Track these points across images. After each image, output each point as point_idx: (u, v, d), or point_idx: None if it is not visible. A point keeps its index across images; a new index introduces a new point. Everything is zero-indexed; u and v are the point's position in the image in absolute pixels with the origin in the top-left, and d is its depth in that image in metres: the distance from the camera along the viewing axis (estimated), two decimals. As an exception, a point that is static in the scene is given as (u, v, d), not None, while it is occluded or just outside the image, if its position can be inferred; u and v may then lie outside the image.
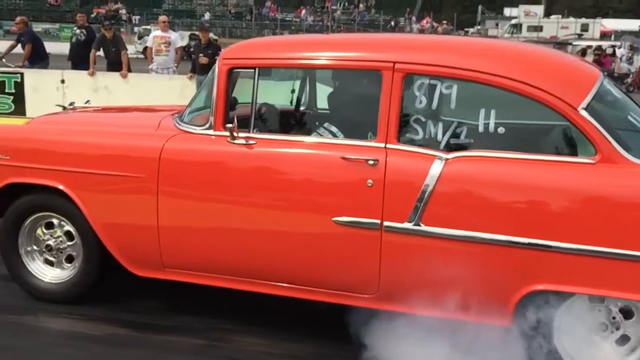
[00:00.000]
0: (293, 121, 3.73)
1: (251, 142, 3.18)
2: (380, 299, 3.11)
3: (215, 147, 3.23)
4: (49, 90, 9.57)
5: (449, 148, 3.01)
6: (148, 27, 32.14)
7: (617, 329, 2.91)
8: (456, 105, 3.06)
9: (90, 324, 3.47)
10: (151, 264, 3.38)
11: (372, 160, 2.99)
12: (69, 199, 3.42)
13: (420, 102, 3.06)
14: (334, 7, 41.79)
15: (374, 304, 3.14)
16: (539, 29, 39.53)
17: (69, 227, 3.57)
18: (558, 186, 2.82)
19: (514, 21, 41.96)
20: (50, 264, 3.67)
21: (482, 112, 3.00)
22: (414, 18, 40.80)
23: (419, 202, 2.93)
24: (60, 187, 3.40)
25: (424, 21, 40.19)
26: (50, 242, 3.62)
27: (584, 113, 2.84)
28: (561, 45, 22.60)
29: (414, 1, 45.20)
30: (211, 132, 3.26)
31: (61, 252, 3.63)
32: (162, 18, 10.71)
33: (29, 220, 3.61)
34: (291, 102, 4.14)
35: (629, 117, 3.10)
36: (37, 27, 27.14)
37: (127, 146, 3.36)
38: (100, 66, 10.26)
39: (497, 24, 44.48)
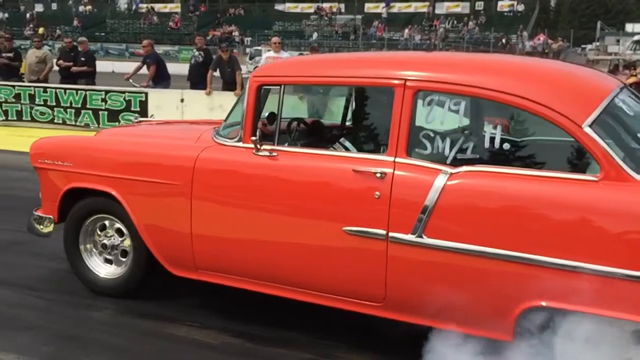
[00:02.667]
0: (318, 135, 3.96)
1: (274, 154, 3.45)
2: (388, 308, 3.26)
3: (242, 158, 3.52)
4: (170, 109, 10.40)
5: (456, 163, 3.12)
6: (259, 47, 33.63)
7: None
8: (464, 121, 3.18)
9: (207, 332, 3.69)
10: (185, 264, 3.73)
11: (379, 172, 3.16)
12: (120, 202, 3.85)
13: (430, 118, 3.20)
14: (442, 26, 41.53)
15: (383, 312, 3.29)
16: (665, 45, 37.13)
17: (122, 229, 4.00)
18: (559, 203, 2.86)
19: (636, 37, 39.69)
20: (107, 261, 4.12)
21: (489, 128, 3.10)
22: (525, 34, 39.65)
23: (422, 215, 3.06)
24: (113, 192, 3.83)
25: (537, 38, 39.01)
26: (106, 241, 4.07)
27: (589, 130, 2.87)
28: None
29: (526, 17, 43.91)
30: (240, 144, 3.57)
31: (115, 251, 4.07)
32: (275, 39, 11.27)
33: (88, 221, 4.08)
34: (344, 118, 4.39)
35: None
36: (158, 49, 29.11)
37: (167, 156, 3.75)
38: (216, 86, 10.92)
39: (617, 40, 42.25)
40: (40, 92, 11.59)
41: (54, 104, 11.53)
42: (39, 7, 57.08)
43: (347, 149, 3.50)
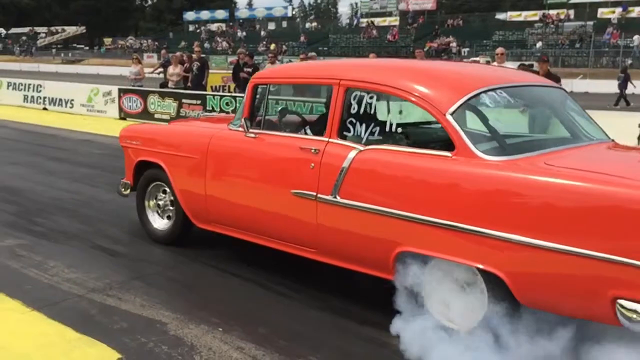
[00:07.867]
0: (296, 124, 5.29)
1: (257, 136, 4.87)
2: (321, 253, 4.51)
3: (236, 138, 5.01)
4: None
5: (368, 143, 4.27)
6: (476, 58, 34.40)
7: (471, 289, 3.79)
8: (376, 110, 4.31)
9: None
10: (203, 218, 5.31)
11: (314, 149, 4.42)
12: (166, 172, 5.55)
13: (354, 108, 4.38)
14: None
15: (319, 257, 4.54)
16: None
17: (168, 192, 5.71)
18: (424, 172, 3.92)
19: None
20: (160, 216, 5.88)
21: (390, 115, 4.22)
22: None
23: (337, 181, 4.26)
24: (161, 163, 5.55)
25: None
26: (160, 202, 5.81)
27: (449, 117, 3.89)
28: None
29: None
30: (240, 129, 5.04)
31: (167, 207, 5.80)
32: (500, 50, 11.73)
33: (151, 187, 5.86)
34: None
35: (501, 122, 3.94)
36: (375, 62, 31.15)
37: (195, 136, 5.38)
38: None
39: None
40: (272, 103, 13.62)
41: None
42: (271, 25, 64.09)
43: (307, 134, 4.80)
